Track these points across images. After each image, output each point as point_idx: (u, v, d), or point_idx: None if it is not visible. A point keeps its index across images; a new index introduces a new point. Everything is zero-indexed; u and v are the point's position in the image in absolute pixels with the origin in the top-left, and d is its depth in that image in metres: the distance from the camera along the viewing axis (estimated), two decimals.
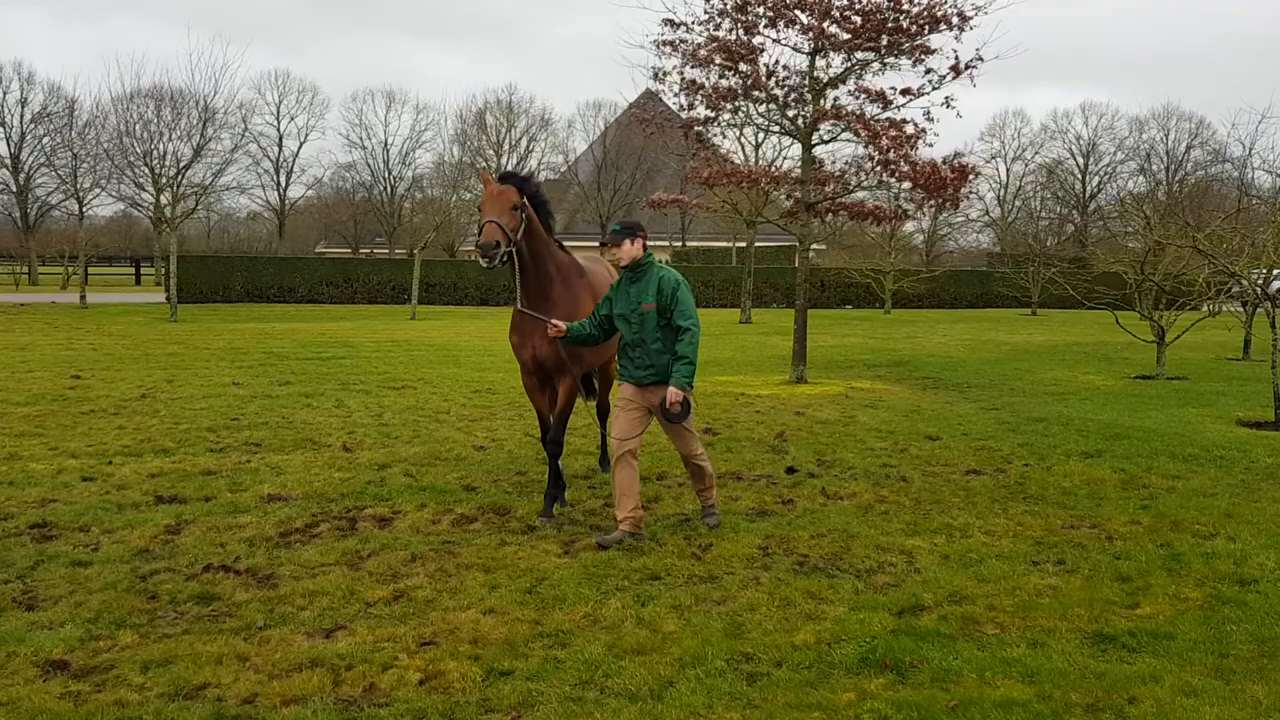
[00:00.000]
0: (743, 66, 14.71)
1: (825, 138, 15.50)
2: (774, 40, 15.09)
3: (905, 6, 14.80)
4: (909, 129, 14.90)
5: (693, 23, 15.24)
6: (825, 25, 14.95)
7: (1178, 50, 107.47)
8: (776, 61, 15.02)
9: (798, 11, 14.86)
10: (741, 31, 15.10)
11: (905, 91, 14.99)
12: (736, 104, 15.57)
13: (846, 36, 15.05)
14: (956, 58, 14.92)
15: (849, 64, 15.48)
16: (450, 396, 13.85)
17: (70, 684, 4.48)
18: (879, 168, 14.65)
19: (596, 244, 60.38)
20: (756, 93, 15.25)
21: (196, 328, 26.41)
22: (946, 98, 14.98)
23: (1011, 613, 5.54)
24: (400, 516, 7.39)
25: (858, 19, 14.83)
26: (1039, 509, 7.87)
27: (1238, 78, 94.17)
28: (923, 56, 14.93)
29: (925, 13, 14.78)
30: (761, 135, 29.63)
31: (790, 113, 15.35)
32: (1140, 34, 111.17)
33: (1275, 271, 15.27)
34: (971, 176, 15.30)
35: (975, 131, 75.88)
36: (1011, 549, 6.79)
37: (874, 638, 5.15)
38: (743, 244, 35.84)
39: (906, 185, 15.28)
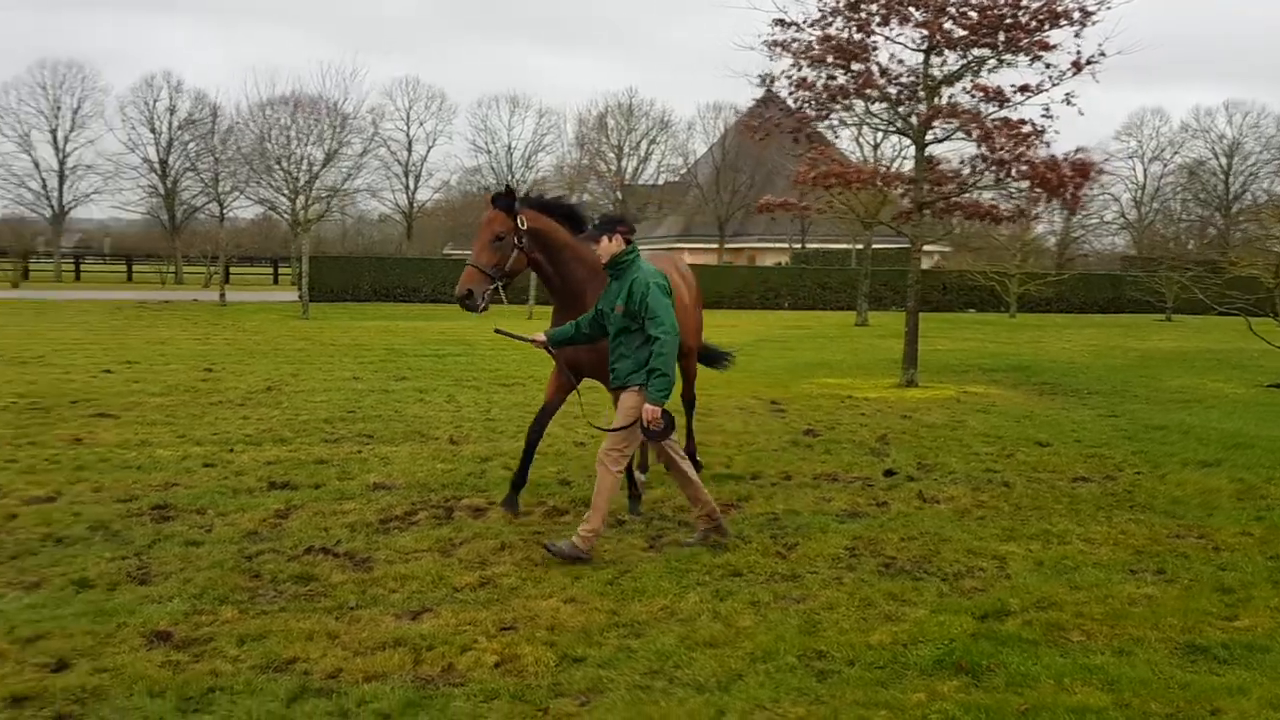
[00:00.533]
0: (855, 65, 14.56)
1: (939, 136, 15.22)
2: (886, 38, 14.90)
3: (1024, 2, 14.44)
4: (1026, 128, 14.53)
5: (804, 22, 15.18)
6: (940, 22, 14.69)
7: None
8: (892, 57, 14.83)
9: (911, 9, 14.65)
10: (854, 30, 14.96)
11: (1023, 89, 14.63)
12: (848, 103, 15.43)
13: (962, 33, 14.77)
14: (1078, 54, 14.49)
15: (965, 61, 15.19)
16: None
17: (171, 654, 4.77)
18: (994, 166, 14.31)
19: (714, 246, 60.59)
20: (869, 91, 15.09)
21: (325, 325, 27.41)
22: (1067, 95, 14.54)
23: (1100, 620, 5.40)
24: (495, 507, 7.58)
25: (974, 15, 14.54)
26: (1145, 518, 7.62)
27: None
28: (1041, 53, 14.54)
29: (1045, 8, 14.40)
30: (881, 135, 29.19)
31: (903, 110, 15.13)
32: None
33: None
34: (1094, 175, 14.82)
35: (1110, 130, 73.14)
36: (1110, 557, 6.61)
37: (952, 640, 5.09)
38: (863, 246, 35.39)
39: (1023, 184, 14.88)
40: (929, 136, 15.17)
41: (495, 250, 6.83)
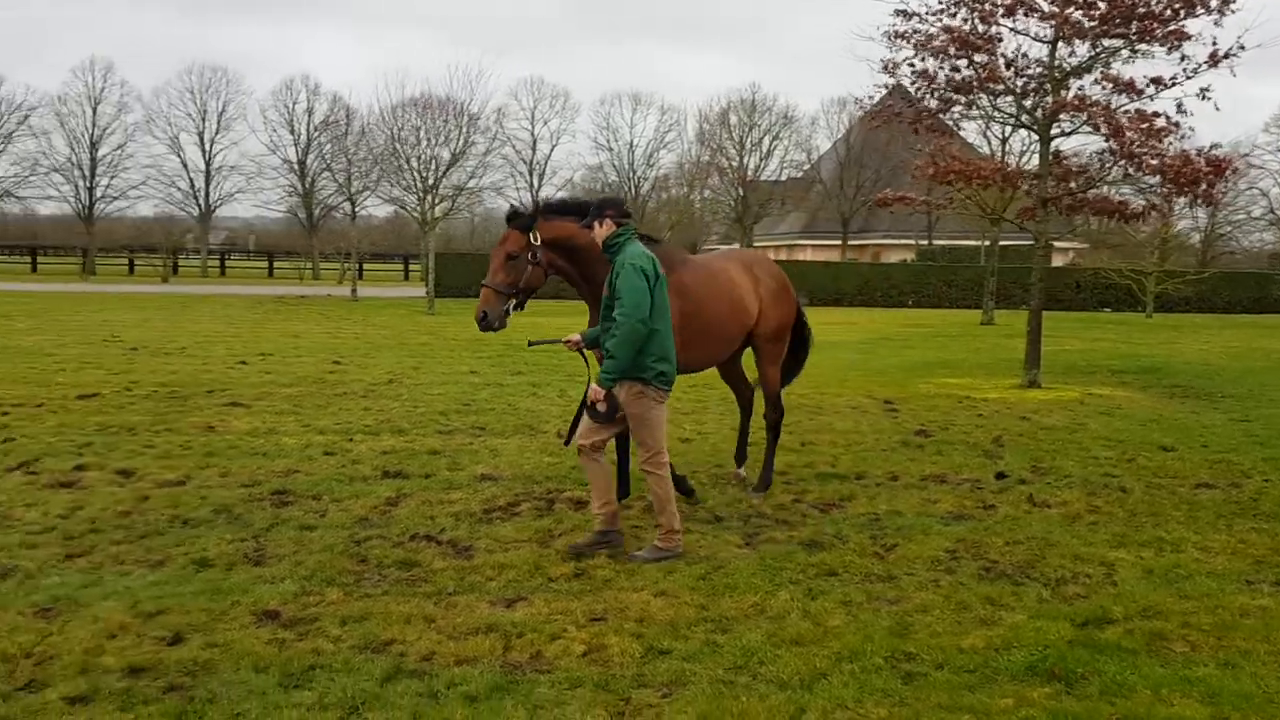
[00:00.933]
0: (978, 57, 14.22)
1: (1066, 130, 14.75)
2: (1011, 29, 14.50)
3: None
4: (1159, 121, 13.96)
5: (926, 13, 14.88)
6: (1068, 12, 14.23)
7: None
8: (1018, 49, 14.43)
9: None
10: (977, 20, 14.60)
11: (1155, 81, 14.04)
12: (972, 96, 15.08)
13: (1092, 23, 14.28)
14: (1215, 45, 13.84)
15: (1095, 52, 14.67)
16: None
17: (278, 631, 5.02)
18: (1123, 161, 13.79)
19: (837, 243, 59.84)
20: (993, 84, 14.71)
21: (449, 320, 28.11)
22: (1202, 90, 13.89)
23: (1208, 631, 5.21)
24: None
25: (1104, 4, 14.03)
26: (1269, 526, 7.29)
27: None
28: (1177, 43, 13.93)
29: None
30: (1009, 129, 28.37)
31: (1028, 104, 14.70)
32: None
33: None
34: (1230, 171, 14.14)
35: (1259, 119, 69.40)
36: (1226, 566, 6.34)
37: (1047, 647, 4.98)
38: (990, 242, 34.45)
39: (1154, 179, 14.30)
40: (1055, 130, 14.71)
41: (510, 269, 6.93)
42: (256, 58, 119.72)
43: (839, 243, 59.79)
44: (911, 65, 14.50)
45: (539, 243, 6.94)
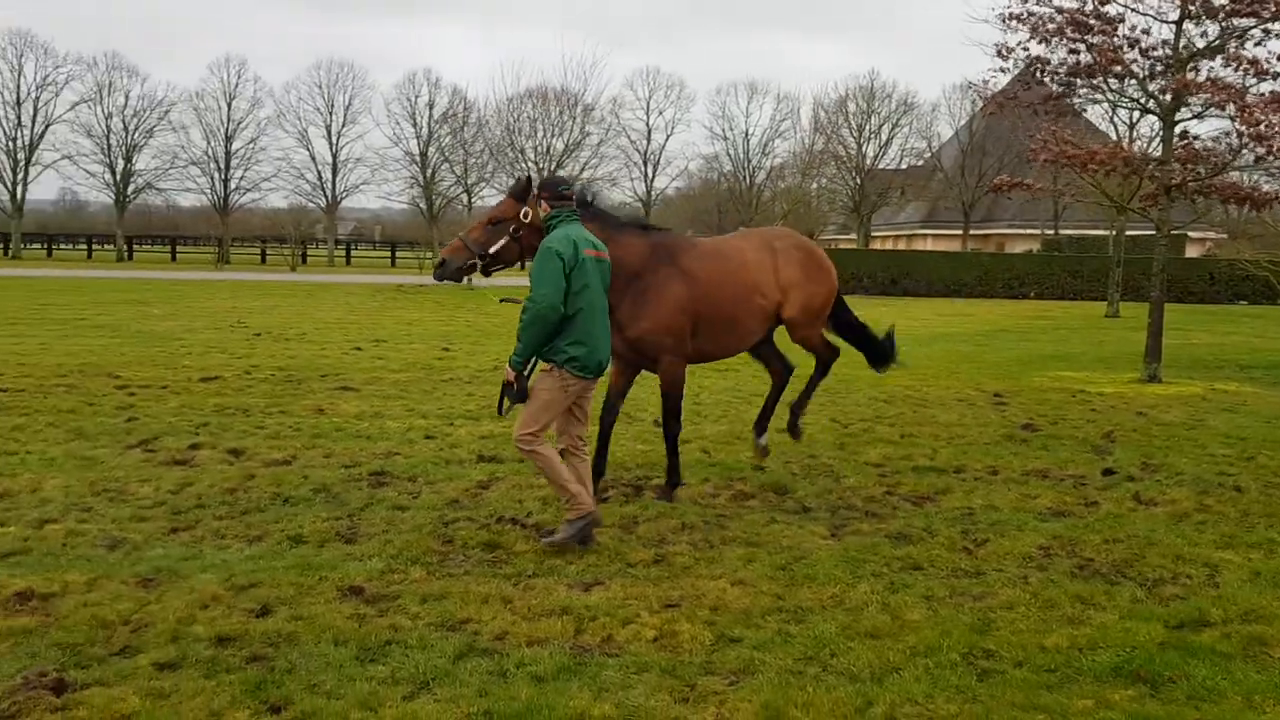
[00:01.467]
0: (1096, 39, 13.69)
1: (1191, 113, 14.09)
2: (1131, 9, 13.91)
3: None
4: None
5: None
6: None
7: None
8: (1135, 28, 13.84)
9: None
10: (1096, 1, 14.05)
11: None
12: (1094, 80, 14.54)
13: (1222, 1, 13.59)
14: None
15: (1225, 31, 13.98)
16: (769, 380, 14.04)
17: (360, 607, 5.17)
18: (1252, 143, 13.10)
19: (958, 233, 58.42)
20: (1115, 66, 14.14)
21: None
22: None
23: None
24: (683, 488, 7.70)
25: None
26: None
27: None
28: None
29: None
30: (1137, 114, 27.20)
31: (1151, 87, 14.10)
32: None
33: None
34: None
35: None
36: None
37: (1135, 648, 4.80)
38: (1135, 231, 33.07)
39: None
40: (1181, 114, 14.07)
41: (489, 232, 6.82)
42: (382, 53, 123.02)
43: (960, 232, 58.39)
44: (1026, 50, 14.05)
45: (527, 220, 6.75)
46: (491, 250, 6.81)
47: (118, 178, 67.81)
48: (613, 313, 6.81)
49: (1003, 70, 15.03)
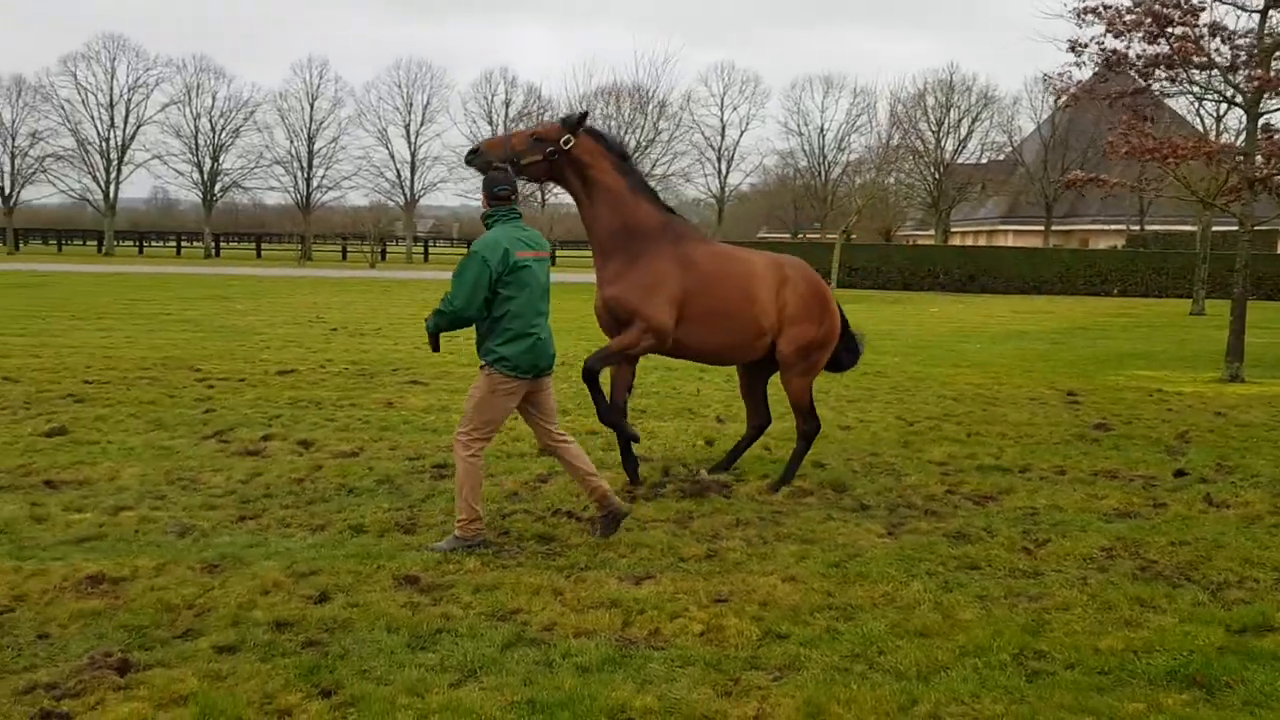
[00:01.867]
0: (1176, 30, 13.32)
1: (1278, 105, 13.64)
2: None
3: None
4: None
5: None
6: None
7: None
8: (1214, 24, 13.43)
9: None
10: None
11: None
12: (1174, 72, 14.15)
13: None
14: None
15: None
16: (836, 377, 13.95)
17: (414, 596, 5.28)
18: None
19: (1040, 229, 57.21)
20: (1196, 57, 13.75)
21: None
22: None
23: None
24: (742, 484, 7.71)
25: None
26: None
27: None
28: None
29: None
30: (1225, 107, 26.41)
31: (1233, 79, 13.67)
32: None
33: None
34: None
35: None
36: None
37: (1193, 652, 4.69)
38: (1224, 227, 32.00)
39: None
40: (1264, 105, 13.62)
41: (530, 144, 7.11)
42: (460, 52, 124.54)
43: (1042, 228, 57.20)
44: (1101, 44, 13.72)
45: (567, 147, 7.12)
46: (524, 162, 7.07)
47: (205, 177, 69.74)
48: (603, 268, 7.30)
49: (1076, 66, 14.70)
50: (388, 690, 4.21)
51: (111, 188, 68.83)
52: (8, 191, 68.55)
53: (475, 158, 7.09)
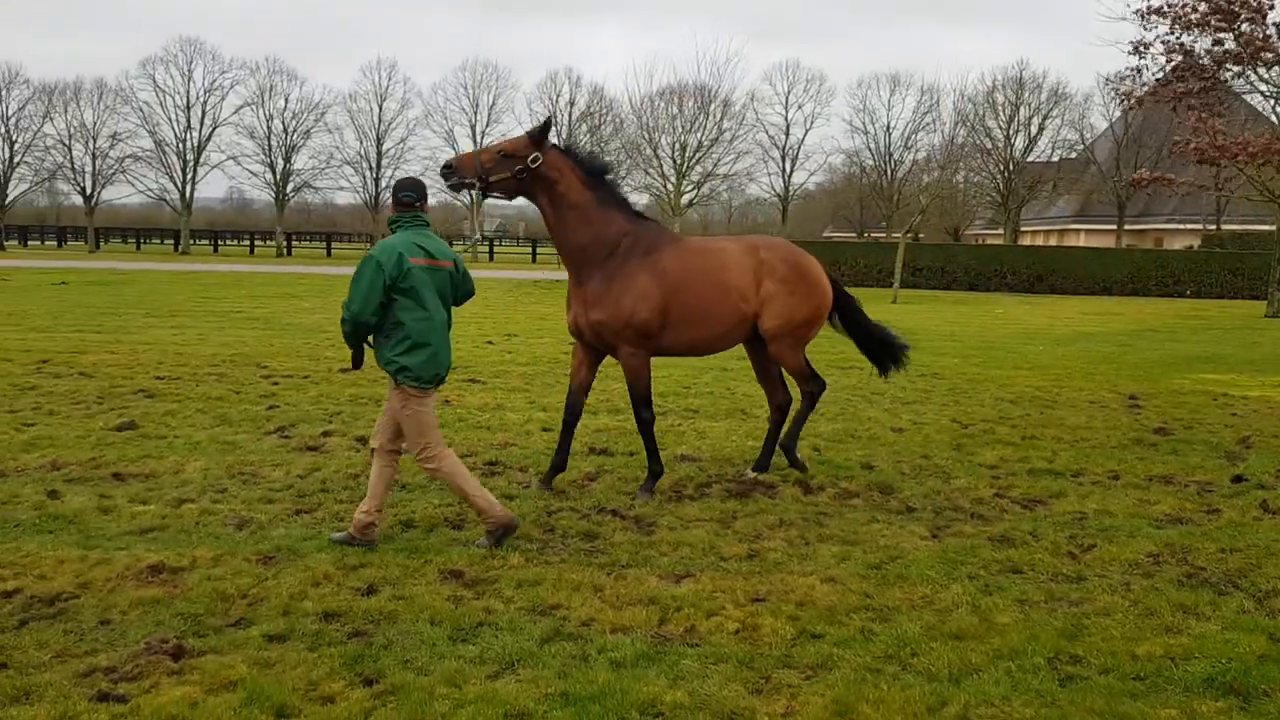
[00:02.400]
0: (1244, 27, 13.04)
1: None
2: None
3: None
4: None
5: None
6: None
7: None
8: None
9: None
10: None
11: None
12: (1242, 69, 13.87)
13: None
14: None
15: None
16: (893, 379, 13.88)
17: (458, 589, 5.43)
18: None
19: (1112, 228, 56.07)
20: (1264, 54, 13.45)
21: None
22: None
23: None
24: (787, 485, 7.76)
25: None
26: None
27: None
28: None
29: None
30: None
31: None
32: None
33: None
34: None
35: None
36: None
37: (1232, 660, 4.66)
38: (1276, 227, 31.18)
39: None
40: None
41: (498, 161, 7.12)
42: (525, 53, 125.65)
43: (1114, 228, 56.08)
44: (1165, 43, 13.48)
45: (534, 165, 7.14)
46: (492, 179, 7.14)
47: (278, 177, 71.15)
48: (581, 287, 7.33)
49: (1137, 71, 14.45)
50: (427, 680, 4.35)
51: (188, 188, 70.54)
52: (89, 192, 70.63)
53: (450, 174, 7.20)
